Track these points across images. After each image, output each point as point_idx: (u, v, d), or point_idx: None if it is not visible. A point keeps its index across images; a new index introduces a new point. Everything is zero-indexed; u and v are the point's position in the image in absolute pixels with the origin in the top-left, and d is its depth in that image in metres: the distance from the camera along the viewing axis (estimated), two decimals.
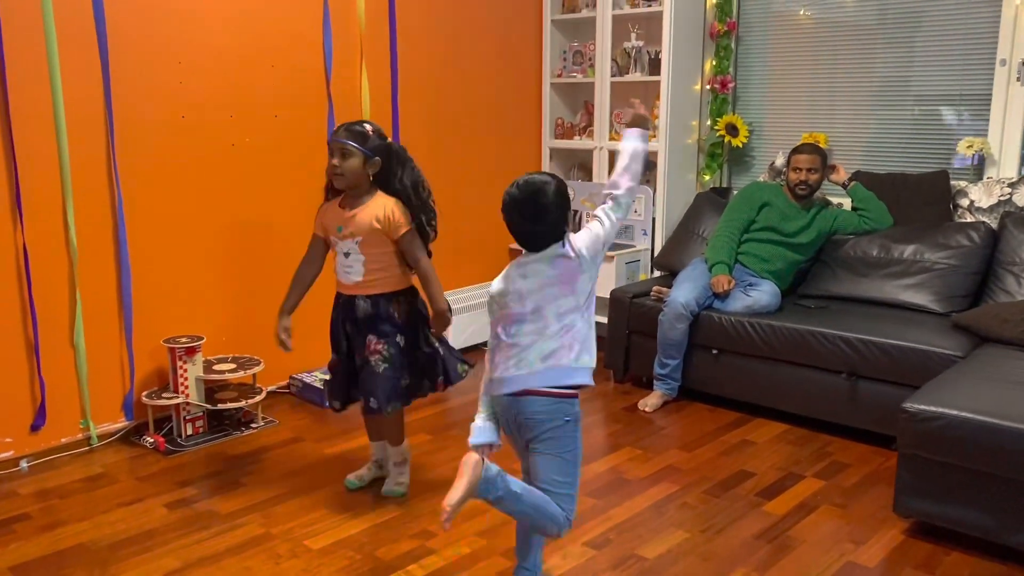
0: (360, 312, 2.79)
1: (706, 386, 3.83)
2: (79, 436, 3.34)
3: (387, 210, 2.71)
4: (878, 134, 4.20)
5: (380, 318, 2.78)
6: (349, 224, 2.74)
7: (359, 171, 2.69)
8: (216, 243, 3.64)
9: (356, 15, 3.98)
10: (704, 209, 4.43)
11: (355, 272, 2.77)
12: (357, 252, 2.75)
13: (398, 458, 2.97)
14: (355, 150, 2.67)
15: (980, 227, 3.62)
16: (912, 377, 3.12)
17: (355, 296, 2.79)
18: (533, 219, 2.13)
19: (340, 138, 2.69)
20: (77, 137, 3.19)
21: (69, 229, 3.20)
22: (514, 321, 2.16)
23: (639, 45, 4.58)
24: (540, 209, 2.12)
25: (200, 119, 3.52)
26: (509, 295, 2.17)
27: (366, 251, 2.74)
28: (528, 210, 2.12)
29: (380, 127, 2.78)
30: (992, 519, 2.47)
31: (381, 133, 2.75)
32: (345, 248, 2.77)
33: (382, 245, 2.75)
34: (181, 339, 3.43)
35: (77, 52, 3.15)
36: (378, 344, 2.77)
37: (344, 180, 2.71)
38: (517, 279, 2.17)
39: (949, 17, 3.91)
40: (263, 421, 3.61)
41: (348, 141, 2.67)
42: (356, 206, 2.75)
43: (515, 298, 2.16)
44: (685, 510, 2.85)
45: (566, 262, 2.13)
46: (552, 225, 2.14)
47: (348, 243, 2.75)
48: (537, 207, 2.12)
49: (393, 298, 2.80)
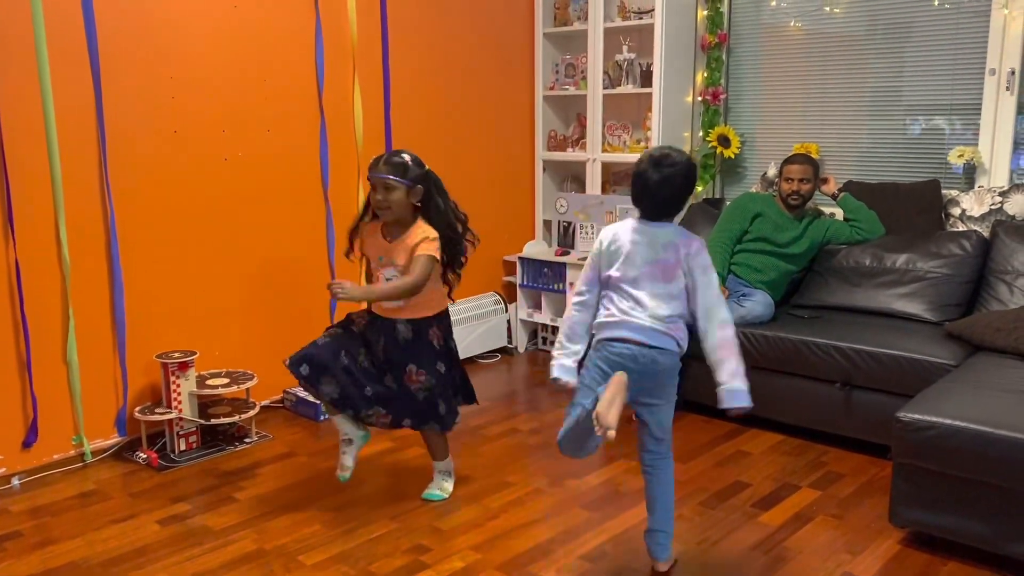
0: (400, 336, 2.83)
1: (701, 397, 3.80)
2: (71, 452, 3.32)
3: (426, 235, 2.76)
4: (869, 144, 4.22)
5: (421, 344, 2.84)
6: (390, 254, 2.81)
7: (404, 203, 2.74)
8: (209, 257, 3.63)
9: (348, 29, 3.99)
10: (697, 220, 4.43)
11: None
12: (398, 276, 2.80)
13: (443, 468, 3.06)
14: (397, 184, 2.71)
15: (972, 236, 3.63)
16: (906, 386, 3.12)
17: (395, 320, 2.83)
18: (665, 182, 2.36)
19: (381, 173, 2.72)
20: (69, 152, 3.18)
21: (61, 244, 3.19)
22: (631, 277, 2.36)
23: (631, 57, 4.60)
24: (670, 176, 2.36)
25: (192, 133, 3.53)
26: (626, 249, 2.39)
27: (404, 272, 2.79)
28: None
29: (416, 155, 2.81)
30: (988, 528, 2.46)
31: (419, 161, 2.78)
32: (388, 275, 2.82)
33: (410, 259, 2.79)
34: (174, 354, 3.41)
35: (69, 67, 3.15)
36: (419, 375, 2.83)
37: (392, 214, 2.75)
38: (637, 237, 2.40)
39: (938, 28, 3.94)
40: (257, 436, 3.60)
41: (389, 176, 2.71)
42: (397, 236, 2.80)
43: (632, 253, 2.37)
44: (681, 522, 2.84)
45: (674, 253, 2.35)
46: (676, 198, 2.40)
47: (390, 271, 2.82)
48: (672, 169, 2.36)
49: (433, 323, 2.86)
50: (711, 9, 4.53)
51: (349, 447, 2.96)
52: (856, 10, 4.17)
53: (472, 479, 3.17)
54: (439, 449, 3.03)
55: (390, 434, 3.48)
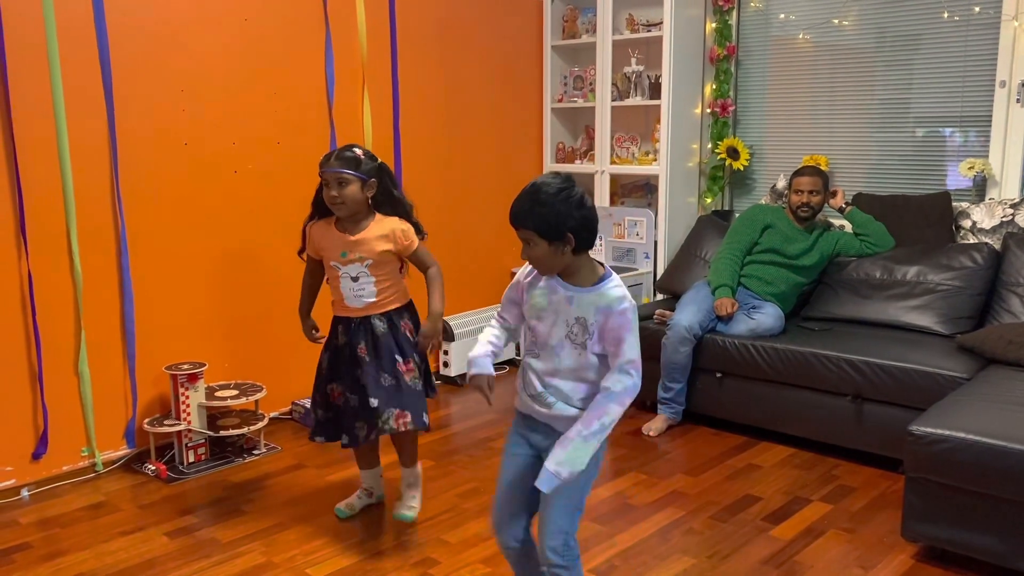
0: (378, 331, 2.78)
1: (710, 410, 3.81)
2: (81, 464, 3.32)
3: (396, 231, 2.74)
4: (879, 156, 4.21)
5: (398, 334, 2.79)
6: (355, 248, 2.73)
7: (359, 197, 2.68)
8: (219, 270, 3.64)
9: (357, 42, 4.01)
10: (706, 232, 4.43)
11: (367, 294, 2.76)
12: (367, 274, 2.75)
13: (411, 479, 2.95)
14: (351, 177, 2.65)
15: (983, 248, 3.61)
16: (918, 399, 3.11)
17: (370, 316, 2.79)
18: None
19: (334, 167, 2.65)
20: (81, 164, 3.20)
21: (73, 256, 3.20)
22: None
23: (639, 70, 4.61)
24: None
25: (202, 146, 3.54)
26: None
27: (376, 272, 2.75)
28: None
29: (367, 148, 2.79)
30: (1003, 544, 2.44)
31: (370, 154, 2.74)
32: (353, 272, 2.75)
33: (391, 263, 2.79)
34: (183, 366, 3.42)
35: (81, 80, 3.17)
36: (407, 364, 2.79)
37: (346, 208, 2.68)
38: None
39: (947, 40, 3.93)
40: (265, 448, 3.60)
41: (343, 169, 2.65)
42: (359, 230, 2.74)
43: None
44: (691, 536, 2.82)
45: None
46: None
47: (356, 267, 2.74)
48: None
49: (404, 313, 2.84)
50: (720, 21, 4.54)
51: (365, 497, 3.02)
52: (865, 22, 4.17)
53: (480, 491, 3.16)
54: (411, 451, 2.93)
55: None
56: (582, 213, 1.89)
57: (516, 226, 1.92)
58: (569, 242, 1.89)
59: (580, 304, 1.93)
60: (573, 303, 1.94)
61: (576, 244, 1.89)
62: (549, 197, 1.87)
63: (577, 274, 1.95)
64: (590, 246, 1.94)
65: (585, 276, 1.95)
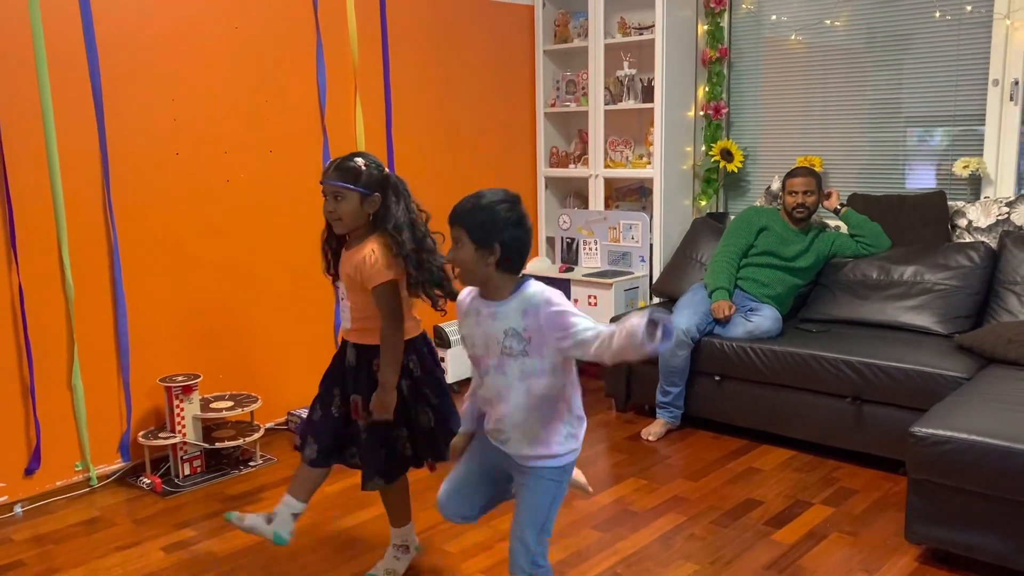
0: (348, 361, 2.46)
1: (709, 413, 3.79)
2: (75, 478, 3.28)
3: (365, 255, 2.34)
4: (873, 156, 4.21)
5: (361, 373, 2.43)
6: (341, 267, 2.47)
7: (357, 212, 2.35)
8: (212, 280, 3.61)
9: (349, 49, 3.99)
10: (701, 234, 4.42)
11: (346, 318, 2.47)
12: (345, 299, 2.47)
13: (399, 540, 2.63)
14: (348, 191, 2.33)
15: (980, 247, 3.60)
16: (918, 400, 3.09)
17: (346, 343, 2.49)
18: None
19: (330, 180, 2.35)
20: (71, 176, 3.17)
21: (64, 268, 3.17)
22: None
23: (632, 73, 4.60)
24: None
25: (194, 156, 3.51)
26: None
27: (351, 298, 2.43)
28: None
29: (376, 158, 2.45)
30: (1007, 545, 2.42)
31: (377, 165, 2.40)
32: (340, 292, 2.51)
33: (363, 293, 2.38)
34: (177, 377, 3.38)
35: (70, 91, 3.14)
36: (365, 409, 2.40)
37: (343, 225, 2.37)
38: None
39: (940, 39, 3.93)
40: (261, 459, 3.56)
41: (339, 182, 2.33)
42: (350, 249, 2.43)
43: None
44: (693, 541, 2.80)
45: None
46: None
47: (342, 287, 2.49)
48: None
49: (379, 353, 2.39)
50: (711, 24, 4.53)
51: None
52: (857, 23, 4.17)
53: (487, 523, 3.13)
54: (403, 509, 2.61)
55: None
56: (517, 232, 1.92)
57: (451, 223, 1.95)
58: (495, 253, 1.89)
59: (503, 316, 1.94)
60: (497, 317, 1.95)
61: (501, 258, 1.90)
62: (491, 204, 1.91)
63: (497, 290, 1.96)
64: (515, 268, 1.94)
65: (504, 290, 1.95)
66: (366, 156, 2.42)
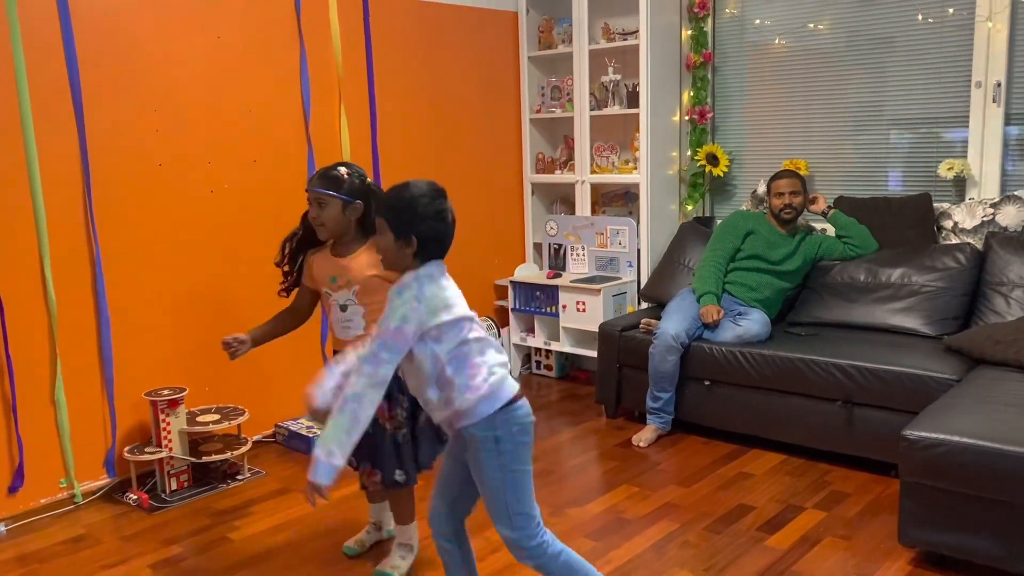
0: None
1: (700, 418, 3.79)
2: (60, 496, 3.23)
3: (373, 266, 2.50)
4: (858, 159, 4.22)
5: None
6: (344, 273, 2.55)
7: (339, 219, 2.51)
8: (197, 291, 3.57)
9: (333, 57, 3.96)
10: (688, 239, 4.41)
11: (355, 326, 2.56)
12: (355, 303, 2.55)
13: (403, 538, 2.70)
14: (331, 198, 2.49)
15: (966, 248, 3.62)
16: (908, 403, 3.09)
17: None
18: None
19: (314, 187, 2.51)
20: (52, 187, 3.12)
21: (46, 281, 3.12)
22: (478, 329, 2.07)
23: (616, 79, 4.59)
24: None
25: (178, 166, 3.48)
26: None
27: (364, 300, 2.54)
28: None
29: (360, 168, 2.58)
30: (1002, 547, 2.42)
31: (360, 174, 2.55)
32: (342, 300, 2.57)
33: (381, 291, 2.43)
34: (163, 391, 3.34)
35: (50, 102, 3.10)
36: (390, 412, 2.52)
37: (326, 231, 2.53)
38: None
39: (923, 41, 3.95)
40: (249, 472, 3.52)
41: (322, 189, 2.49)
42: (348, 253, 2.56)
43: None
44: (687, 549, 2.79)
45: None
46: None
47: (344, 294, 2.55)
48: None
49: None
50: (695, 29, 4.54)
51: (375, 531, 2.87)
52: (840, 26, 4.18)
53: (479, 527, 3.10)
54: (404, 509, 2.69)
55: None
56: (435, 225, 2.00)
57: (376, 212, 2.04)
58: (412, 245, 1.97)
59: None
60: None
61: (418, 249, 1.98)
62: (412, 197, 2.00)
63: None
64: (435, 256, 2.01)
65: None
66: (350, 166, 2.58)
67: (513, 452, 2.01)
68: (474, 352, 1.99)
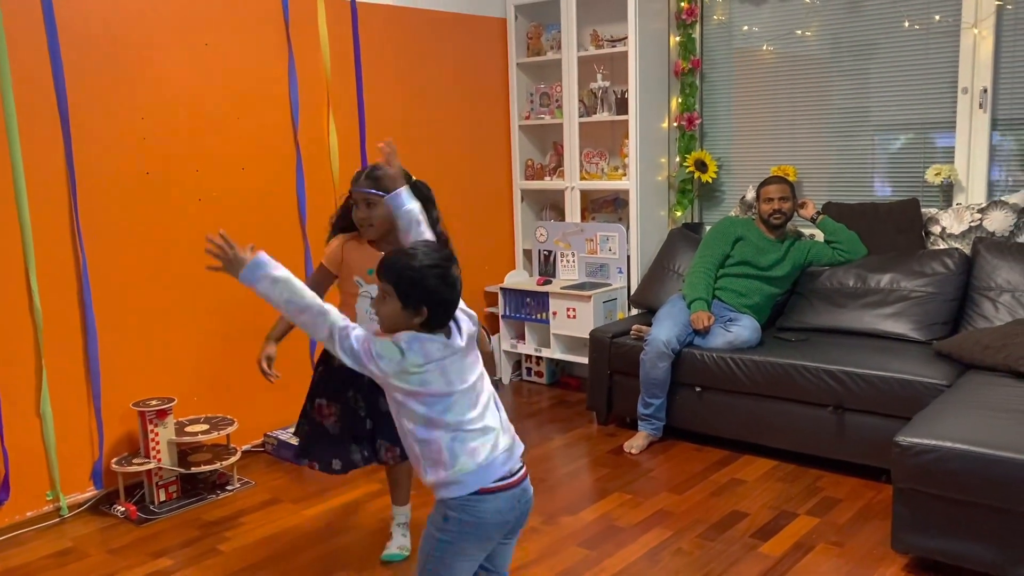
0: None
1: (691, 424, 3.78)
2: (46, 508, 3.19)
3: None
4: (846, 165, 4.23)
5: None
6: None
7: (387, 218, 2.48)
8: (185, 301, 3.54)
9: (322, 63, 3.95)
10: (678, 245, 4.42)
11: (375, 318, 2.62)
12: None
13: (403, 518, 2.86)
14: (380, 198, 2.51)
15: (954, 254, 3.64)
16: (899, 408, 3.10)
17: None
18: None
19: (362, 187, 2.56)
20: (38, 197, 3.09)
21: (32, 292, 3.09)
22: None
23: (605, 85, 4.60)
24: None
25: (165, 175, 3.45)
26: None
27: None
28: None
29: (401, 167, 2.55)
30: (995, 552, 2.43)
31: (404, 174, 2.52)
32: (374, 292, 2.49)
33: None
34: (151, 401, 3.31)
35: (36, 110, 3.07)
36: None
37: (375, 231, 2.59)
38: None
39: (909, 48, 3.97)
40: (239, 483, 3.49)
41: (371, 190, 2.55)
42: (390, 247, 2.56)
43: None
44: (680, 556, 2.78)
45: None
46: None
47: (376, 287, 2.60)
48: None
49: None
50: (683, 35, 4.55)
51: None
52: (827, 33, 4.20)
53: None
54: (405, 489, 2.84)
55: (376, 477, 3.39)
56: (447, 295, 1.89)
57: (379, 275, 1.92)
58: (422, 315, 1.87)
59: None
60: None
61: (428, 319, 1.87)
62: (423, 268, 1.87)
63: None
64: (440, 325, 1.91)
65: None
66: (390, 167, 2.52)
67: (457, 534, 1.88)
68: (445, 440, 1.86)
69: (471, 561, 1.92)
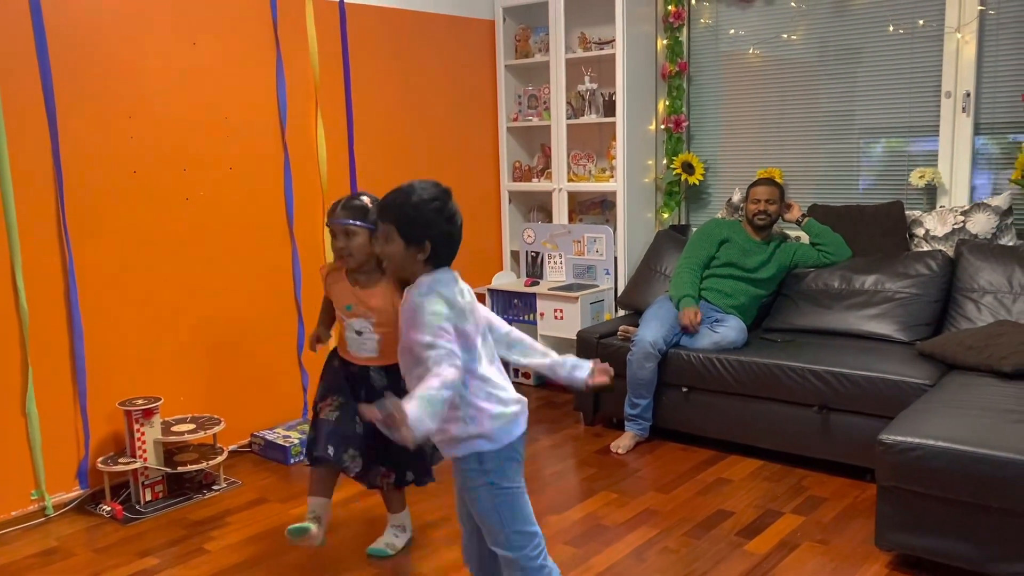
0: (376, 384, 2.64)
1: (678, 424, 3.80)
2: (31, 507, 3.17)
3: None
4: (831, 168, 4.27)
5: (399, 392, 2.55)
6: (362, 304, 2.60)
7: (366, 248, 2.54)
8: (172, 300, 3.53)
9: (310, 65, 3.95)
10: (665, 247, 4.44)
11: (368, 348, 2.62)
12: (371, 331, 2.60)
13: (398, 521, 2.89)
14: (358, 228, 2.53)
15: (938, 255, 3.67)
16: (883, 408, 3.13)
17: (368, 368, 2.65)
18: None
19: (340, 219, 2.54)
20: (24, 195, 3.08)
21: (18, 291, 3.07)
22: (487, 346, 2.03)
23: (593, 87, 4.62)
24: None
25: (152, 174, 3.44)
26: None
27: (381, 331, 2.59)
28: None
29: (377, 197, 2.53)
30: (976, 549, 2.45)
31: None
32: (357, 327, 2.61)
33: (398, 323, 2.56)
34: (137, 401, 3.30)
35: (22, 109, 3.06)
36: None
37: (354, 260, 2.56)
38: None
39: (894, 52, 4.01)
40: (225, 482, 3.48)
41: (348, 220, 2.53)
42: (369, 285, 2.60)
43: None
44: (667, 555, 2.79)
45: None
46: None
47: (360, 322, 2.61)
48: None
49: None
50: (671, 38, 4.58)
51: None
52: (813, 36, 4.24)
53: (451, 519, 3.09)
54: (400, 500, 2.88)
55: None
56: (447, 228, 1.93)
57: (380, 217, 1.94)
58: (425, 250, 1.90)
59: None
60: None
61: (431, 255, 1.91)
62: (421, 201, 1.90)
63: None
64: (446, 262, 1.95)
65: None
66: (369, 195, 2.60)
67: (499, 470, 1.95)
68: (479, 388, 1.92)
69: (522, 489, 2.00)
